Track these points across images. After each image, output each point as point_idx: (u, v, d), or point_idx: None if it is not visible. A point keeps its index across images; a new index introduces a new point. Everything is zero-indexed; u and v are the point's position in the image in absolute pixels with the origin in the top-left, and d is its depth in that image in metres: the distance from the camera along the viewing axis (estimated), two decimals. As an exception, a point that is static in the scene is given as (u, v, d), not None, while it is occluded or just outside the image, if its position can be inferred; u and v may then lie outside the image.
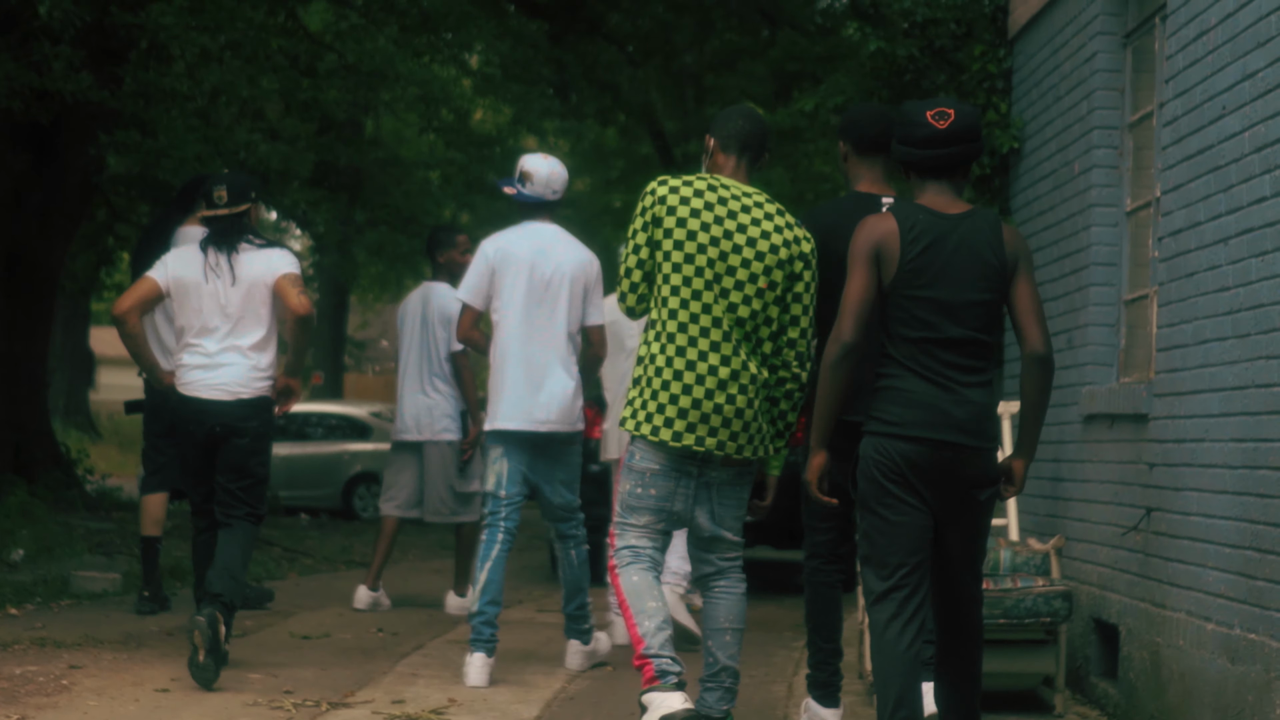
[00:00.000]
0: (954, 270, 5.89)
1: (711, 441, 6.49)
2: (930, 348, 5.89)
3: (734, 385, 6.48)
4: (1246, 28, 7.19)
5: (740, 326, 6.50)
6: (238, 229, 8.59)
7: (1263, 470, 6.83)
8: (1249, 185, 7.09)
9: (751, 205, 6.54)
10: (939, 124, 5.97)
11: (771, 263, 6.50)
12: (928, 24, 11.81)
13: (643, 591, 6.49)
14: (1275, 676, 6.61)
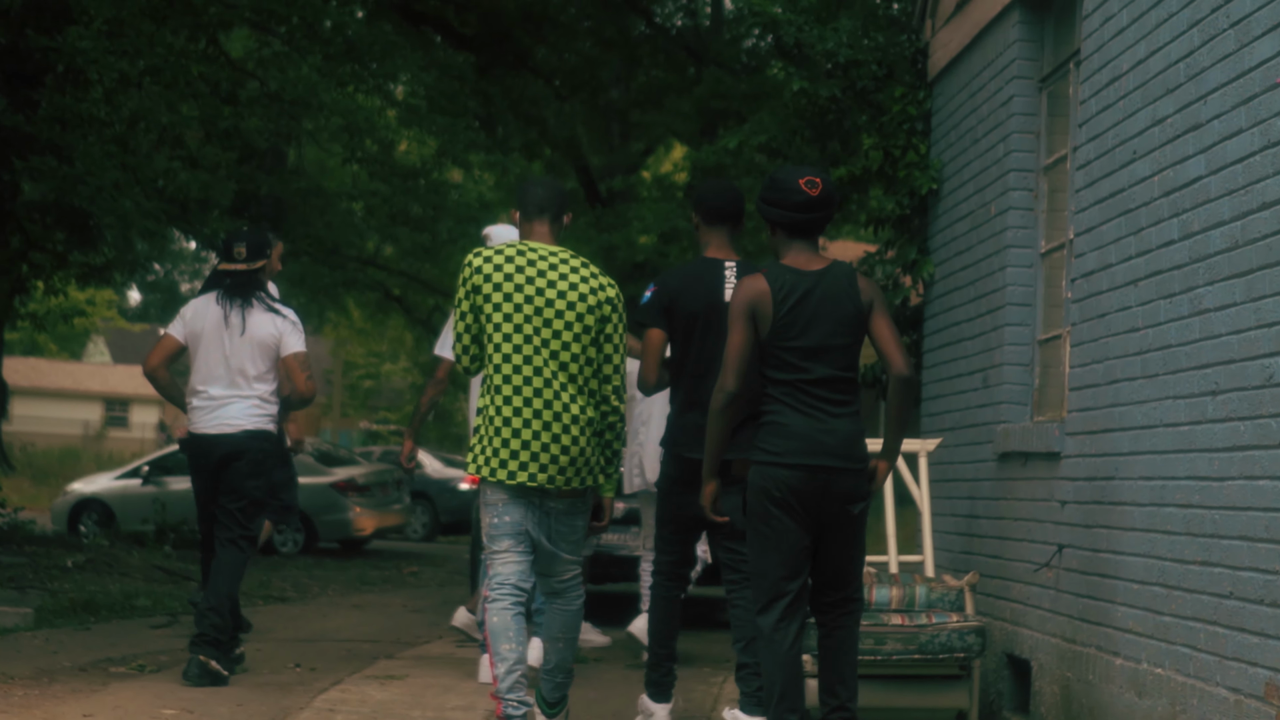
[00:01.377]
0: (819, 320, 6.77)
1: (543, 477, 7.20)
2: (803, 387, 6.76)
3: (559, 425, 7.21)
4: (1156, 74, 7.34)
5: (564, 370, 7.24)
6: (253, 284, 9.56)
7: (1169, 508, 6.97)
8: (1158, 228, 7.23)
9: (557, 263, 7.29)
10: (811, 191, 6.89)
11: (582, 310, 7.25)
12: (850, 65, 11.93)
13: (500, 634, 7.15)
14: (1180, 710, 6.73)
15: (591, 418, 7.29)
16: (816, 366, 6.75)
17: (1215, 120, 6.71)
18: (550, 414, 7.20)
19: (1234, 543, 6.37)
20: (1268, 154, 6.22)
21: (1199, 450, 6.71)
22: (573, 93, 27.54)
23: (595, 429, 7.33)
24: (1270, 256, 6.16)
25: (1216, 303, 6.61)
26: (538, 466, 7.18)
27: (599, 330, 7.29)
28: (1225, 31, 6.65)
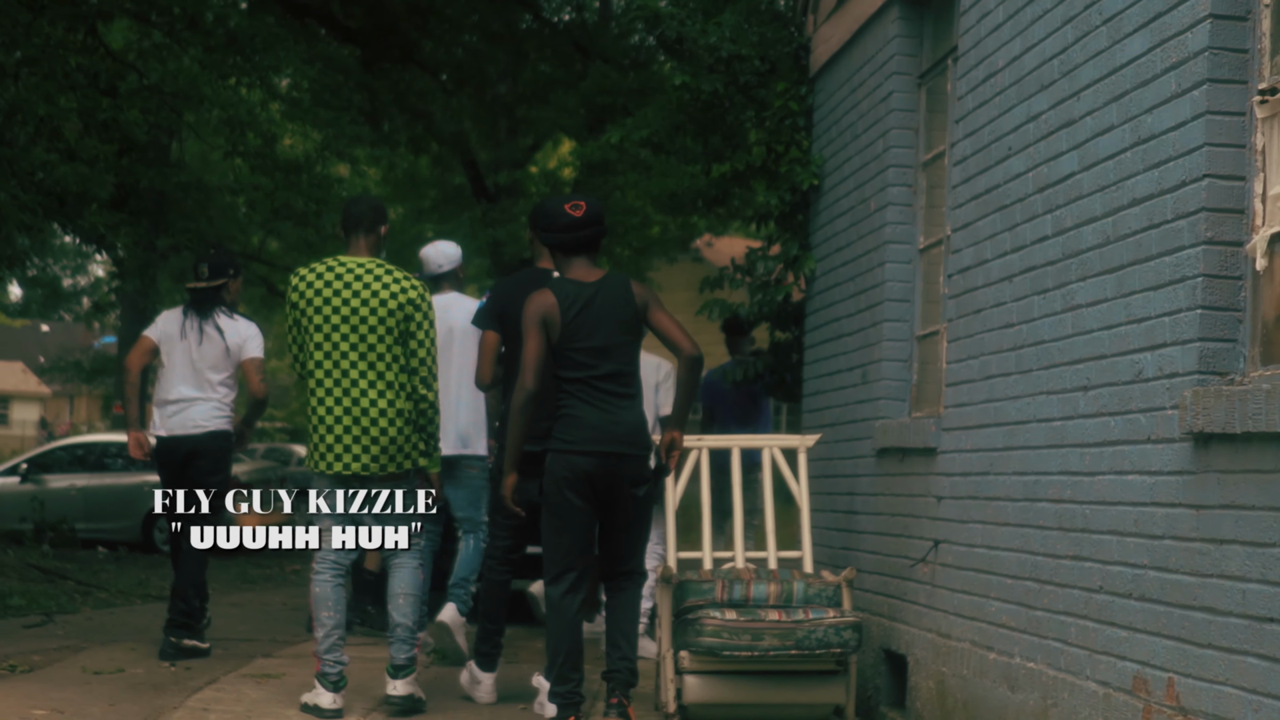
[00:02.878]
0: (602, 323, 7.82)
1: (356, 465, 8.41)
2: (592, 382, 7.81)
3: (367, 419, 8.40)
4: (1031, 71, 7.36)
5: (372, 369, 8.40)
6: (213, 300, 10.58)
7: (1041, 503, 7.00)
8: (1032, 224, 7.26)
9: (363, 272, 8.44)
10: (575, 213, 7.95)
11: (383, 313, 8.40)
12: (732, 60, 11.93)
13: (321, 602, 8.50)
14: (1052, 704, 6.76)
15: (401, 408, 8.45)
16: (603, 364, 7.80)
17: (1088, 116, 6.74)
18: (359, 409, 8.39)
19: (1104, 537, 6.40)
20: (1138, 150, 6.25)
21: (1071, 445, 6.74)
22: (460, 87, 27.39)
23: (407, 418, 8.47)
24: (1140, 253, 6.19)
25: (1088, 298, 6.64)
26: (351, 456, 8.40)
27: (403, 329, 8.44)
28: (1098, 28, 6.68)
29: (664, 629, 8.71)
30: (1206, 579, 5.61)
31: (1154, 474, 6.01)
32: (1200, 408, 5.59)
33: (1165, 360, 5.96)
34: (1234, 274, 5.76)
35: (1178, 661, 5.77)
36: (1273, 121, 5.67)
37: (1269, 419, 5.14)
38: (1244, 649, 5.33)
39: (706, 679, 8.41)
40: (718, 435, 10.93)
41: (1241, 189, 5.76)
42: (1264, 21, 5.74)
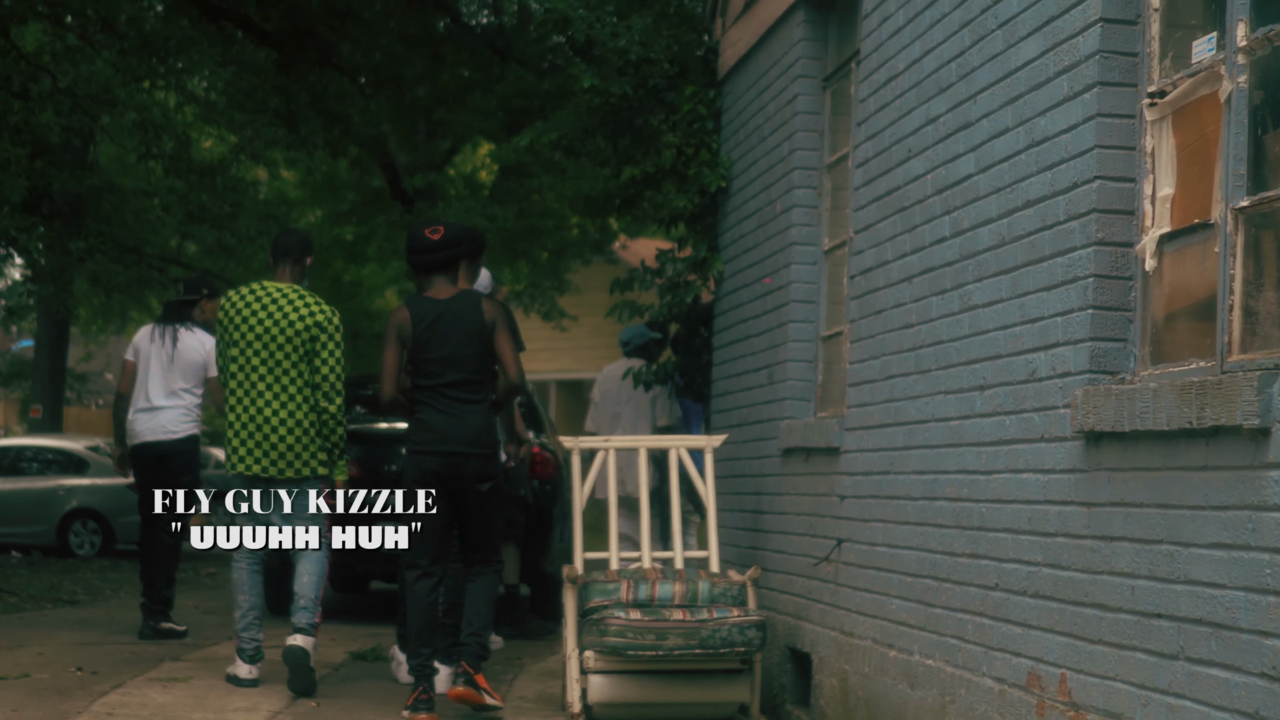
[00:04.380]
0: (449, 336, 8.62)
1: (257, 468, 9.34)
2: (440, 389, 8.63)
3: (269, 426, 9.31)
4: (930, 74, 7.43)
5: (278, 383, 9.32)
6: (181, 314, 11.69)
7: (939, 501, 7.06)
8: (931, 226, 7.33)
9: (280, 297, 9.40)
10: (433, 236, 8.76)
11: (291, 334, 9.32)
12: (642, 63, 11.97)
13: (239, 587, 9.53)
14: (950, 701, 6.83)
15: (301, 419, 9.34)
16: (449, 372, 8.61)
17: (984, 119, 6.81)
18: (261, 418, 9.32)
19: (999, 535, 6.47)
20: (1032, 152, 6.32)
21: (968, 444, 6.81)
22: (378, 90, 27.27)
23: (305, 428, 9.36)
24: (1033, 254, 6.26)
25: (984, 299, 6.71)
26: (253, 459, 9.35)
27: (309, 349, 9.34)
28: (994, 32, 6.75)
29: (569, 629, 8.74)
30: (1097, 576, 5.68)
31: (1047, 472, 6.08)
32: (1091, 407, 5.66)
33: (1058, 360, 6.03)
34: (1124, 274, 5.84)
35: (1070, 657, 5.84)
36: (1162, 124, 5.75)
37: (1156, 417, 5.21)
38: (1133, 644, 5.41)
39: (611, 679, 8.45)
40: (623, 436, 10.96)
41: (1132, 190, 5.84)
42: (1153, 25, 5.82)
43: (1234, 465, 4.83)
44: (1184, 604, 5.09)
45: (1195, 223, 5.48)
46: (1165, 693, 5.18)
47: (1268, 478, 4.64)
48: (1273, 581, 4.60)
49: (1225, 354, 5.17)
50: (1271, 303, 4.98)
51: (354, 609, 14.46)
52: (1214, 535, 4.93)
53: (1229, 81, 5.24)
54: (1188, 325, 5.62)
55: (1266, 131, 5.14)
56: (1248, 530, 4.74)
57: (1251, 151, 5.16)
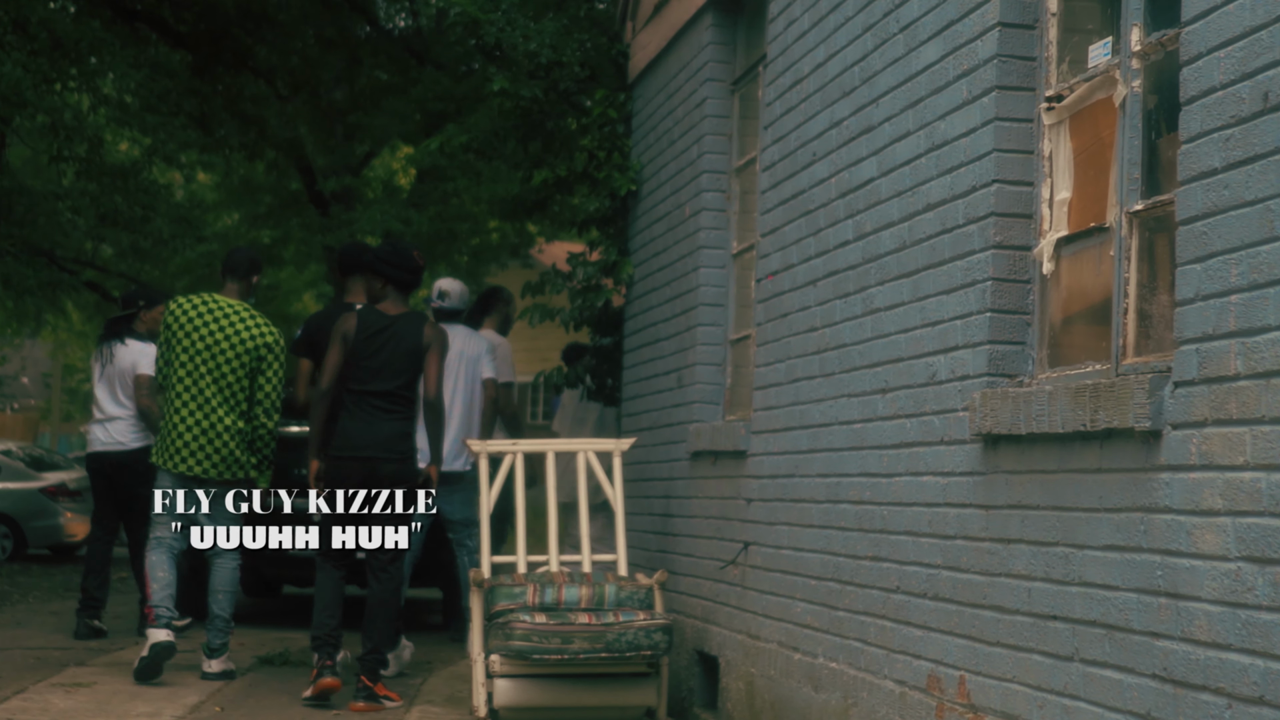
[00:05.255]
0: (384, 350, 9.21)
1: (199, 469, 9.82)
2: (364, 396, 9.22)
3: (212, 432, 9.83)
4: (834, 77, 7.45)
5: (221, 393, 9.87)
6: (117, 330, 12.03)
7: (843, 504, 7.07)
8: (835, 229, 7.34)
9: (231, 313, 9.97)
10: (420, 261, 9.48)
11: (240, 350, 9.87)
12: (552, 66, 11.94)
13: (156, 568, 9.89)
14: (852, 704, 6.84)
15: (240, 428, 9.91)
16: (375, 382, 9.20)
17: (886, 123, 6.83)
18: (208, 423, 9.83)
19: (900, 538, 6.48)
20: (932, 156, 6.34)
21: (870, 447, 6.83)
22: (294, 93, 27.12)
23: (243, 437, 9.93)
24: (934, 257, 6.28)
25: (886, 302, 6.72)
26: (195, 460, 9.84)
27: (255, 366, 9.92)
28: (895, 35, 6.77)
29: (475, 633, 8.71)
30: (995, 578, 5.70)
31: (947, 475, 6.10)
32: (988, 409, 5.68)
33: (957, 363, 6.05)
34: (1022, 278, 5.86)
35: (968, 660, 5.86)
36: (1059, 128, 5.78)
37: (1051, 420, 5.23)
38: (1030, 646, 5.42)
39: (517, 682, 8.42)
40: (530, 440, 10.94)
41: (1029, 194, 5.86)
42: (1051, 30, 5.85)
43: (1127, 467, 4.85)
44: (1079, 606, 5.11)
45: (1091, 226, 5.51)
46: (1061, 694, 5.20)
47: (1159, 480, 4.67)
48: (1164, 583, 4.62)
49: (1120, 357, 5.20)
50: (1165, 306, 5.01)
51: (264, 613, 14.36)
52: (1107, 537, 4.95)
53: (1124, 86, 5.26)
54: (1084, 328, 5.65)
55: (1160, 135, 5.17)
56: (1140, 532, 4.76)
57: (1146, 155, 5.20)
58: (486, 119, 14.21)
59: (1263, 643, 4.16)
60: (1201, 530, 4.45)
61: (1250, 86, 4.33)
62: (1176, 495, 4.58)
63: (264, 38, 25.05)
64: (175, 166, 22.62)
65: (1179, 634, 4.54)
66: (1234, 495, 4.31)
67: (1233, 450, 4.32)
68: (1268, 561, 4.15)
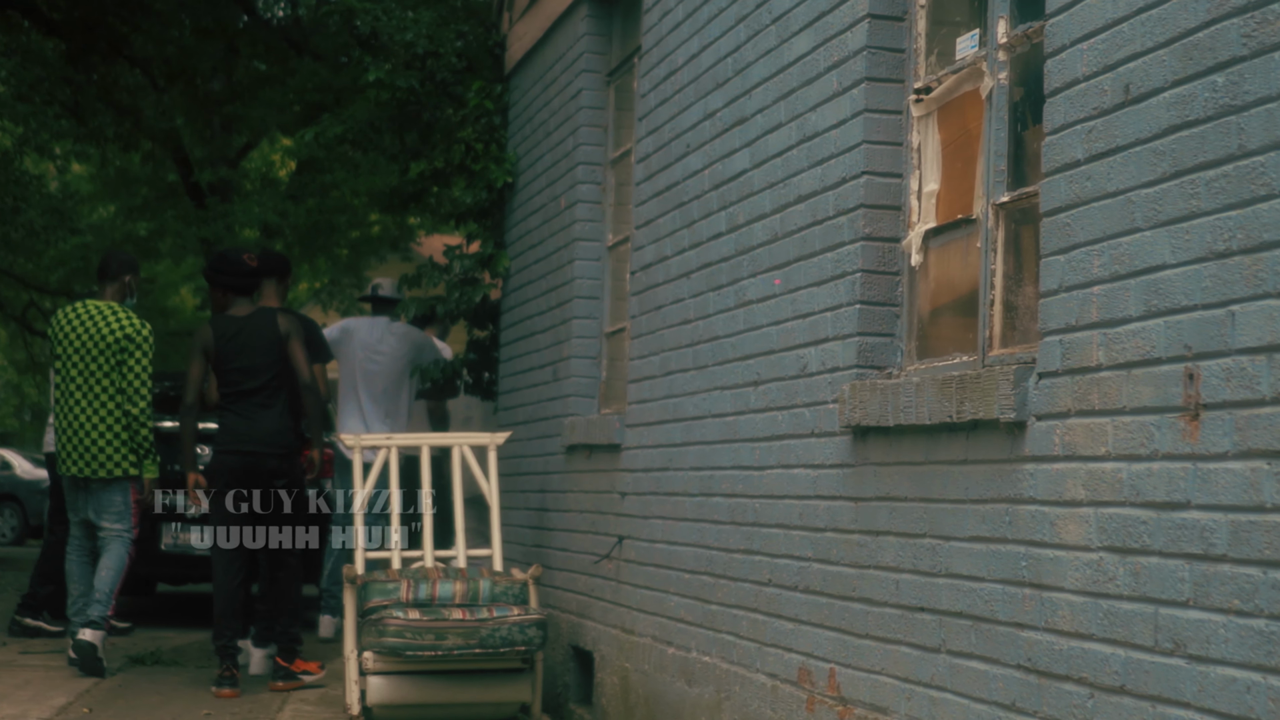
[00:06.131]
0: (247, 349, 9.70)
1: (75, 469, 10.12)
2: (239, 395, 9.71)
3: (83, 431, 10.08)
4: (708, 69, 7.43)
5: (91, 390, 10.11)
6: None
7: (716, 497, 7.06)
8: (708, 221, 7.32)
9: (96, 314, 10.23)
10: (251, 263, 9.93)
11: (103, 346, 10.11)
12: (428, 57, 11.85)
13: (69, 575, 10.28)
14: (725, 697, 6.82)
15: (112, 424, 10.10)
16: (247, 381, 9.68)
17: (759, 114, 6.81)
18: (78, 424, 10.11)
19: (772, 531, 6.47)
20: (803, 148, 6.33)
21: (742, 440, 6.81)
22: (171, 83, 26.82)
23: (115, 432, 10.10)
24: (805, 249, 6.27)
25: (758, 294, 6.71)
26: (72, 461, 10.13)
27: (120, 361, 10.12)
28: (768, 27, 6.76)
29: (349, 630, 8.63)
30: (865, 570, 5.70)
31: (817, 467, 6.09)
32: (857, 401, 5.68)
33: (827, 355, 6.05)
34: (891, 270, 5.86)
35: (838, 652, 5.85)
36: (928, 120, 5.78)
37: (919, 412, 5.23)
38: (898, 638, 5.43)
39: (391, 680, 8.35)
40: (405, 434, 10.88)
41: (898, 186, 5.86)
42: (920, 22, 5.85)
43: (992, 459, 4.86)
44: (945, 597, 5.12)
45: (959, 218, 5.52)
46: (928, 686, 5.21)
47: (1023, 471, 4.68)
48: (1028, 574, 4.63)
49: (987, 349, 5.21)
50: (1030, 297, 5.02)
51: (137, 612, 14.18)
52: (973, 528, 4.96)
53: (990, 78, 5.27)
54: (952, 320, 5.66)
55: (1026, 128, 5.18)
56: (1005, 523, 4.77)
57: (1012, 147, 5.21)
58: (363, 110, 14.07)
59: (1124, 632, 4.17)
60: (1065, 521, 4.46)
61: (1112, 79, 4.35)
62: (1040, 486, 4.59)
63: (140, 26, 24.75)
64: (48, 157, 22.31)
65: (1043, 624, 4.55)
66: (1096, 486, 4.32)
67: (1095, 441, 4.34)
68: (1129, 551, 4.17)
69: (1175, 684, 3.97)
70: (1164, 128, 4.13)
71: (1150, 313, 4.14)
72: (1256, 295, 3.76)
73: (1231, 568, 3.80)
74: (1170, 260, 4.07)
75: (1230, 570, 3.80)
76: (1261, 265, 3.74)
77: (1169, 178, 4.09)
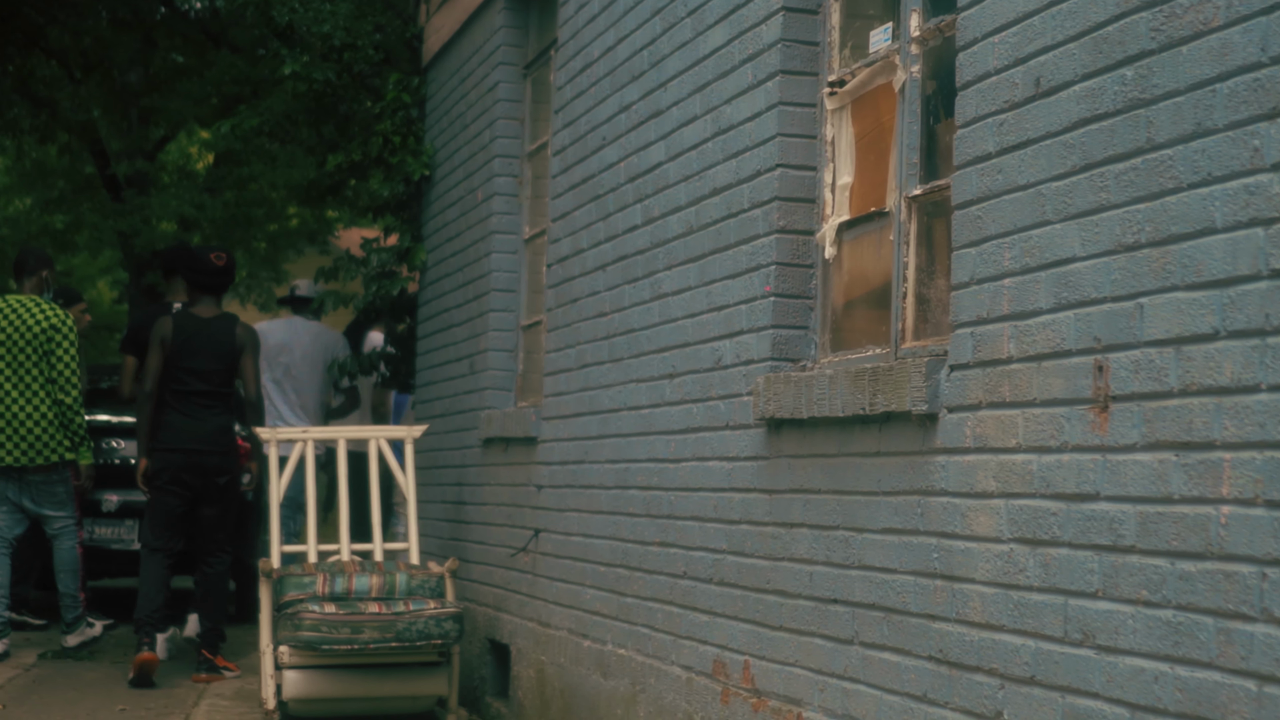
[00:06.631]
0: (200, 351, 9.93)
1: (10, 458, 10.36)
2: (186, 395, 9.93)
3: (16, 421, 10.35)
4: (624, 62, 7.42)
5: (22, 380, 10.38)
6: None
7: (631, 490, 7.05)
8: (624, 214, 7.32)
9: (19, 307, 10.50)
10: (219, 262, 10.09)
11: (29, 337, 10.41)
12: (345, 49, 11.78)
13: None
14: (640, 690, 6.82)
15: (45, 412, 10.39)
16: (195, 382, 9.91)
17: (674, 107, 6.81)
18: (10, 414, 10.36)
19: (687, 523, 6.47)
20: (718, 140, 6.33)
21: (658, 433, 6.81)
22: (87, 75, 26.61)
23: (49, 419, 10.40)
24: (720, 241, 6.28)
25: (674, 287, 6.71)
26: (4, 451, 10.37)
27: (47, 350, 10.42)
28: (683, 20, 6.75)
29: (264, 624, 8.59)
30: (778, 562, 5.70)
31: (732, 460, 6.10)
32: (772, 394, 5.68)
33: (742, 347, 6.05)
34: (805, 262, 5.87)
35: (753, 644, 5.86)
36: (841, 113, 5.79)
37: (832, 404, 5.24)
38: (811, 630, 5.44)
39: (306, 673, 8.32)
40: (321, 428, 10.84)
41: (812, 179, 5.87)
42: (834, 15, 5.86)
43: (904, 451, 4.87)
44: (859, 589, 5.13)
45: (872, 211, 5.53)
46: (841, 677, 5.22)
47: (935, 463, 4.69)
48: (940, 565, 4.65)
49: (899, 341, 5.22)
50: (942, 290, 5.04)
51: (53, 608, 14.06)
52: (886, 520, 4.97)
53: (903, 71, 5.29)
54: (865, 312, 5.67)
55: (939, 121, 5.20)
56: (916, 515, 4.79)
57: (924, 140, 5.22)
58: (280, 102, 13.98)
59: (1034, 623, 4.19)
60: (976, 512, 4.48)
61: (1023, 72, 4.37)
62: (952, 478, 4.60)
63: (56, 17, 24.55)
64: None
65: (954, 616, 4.57)
66: (1007, 477, 4.34)
67: (1006, 432, 4.35)
68: (1039, 543, 4.19)
69: (1084, 674, 3.99)
70: (1074, 121, 4.14)
71: (1060, 305, 4.15)
72: (1164, 288, 3.77)
73: (1140, 559, 3.82)
74: (1080, 253, 4.09)
75: (1138, 561, 3.82)
76: (1169, 258, 3.76)
77: (1079, 170, 4.11)
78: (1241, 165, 3.54)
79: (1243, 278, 3.52)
